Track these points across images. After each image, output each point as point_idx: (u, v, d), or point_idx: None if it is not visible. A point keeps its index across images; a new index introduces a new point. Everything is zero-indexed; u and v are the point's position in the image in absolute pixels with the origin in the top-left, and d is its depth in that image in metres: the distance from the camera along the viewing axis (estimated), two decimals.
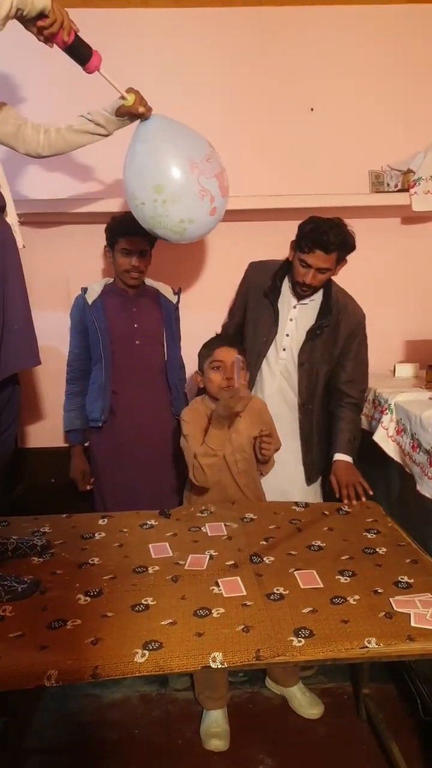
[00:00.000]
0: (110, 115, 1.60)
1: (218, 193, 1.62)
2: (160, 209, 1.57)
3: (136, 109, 1.57)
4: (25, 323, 1.45)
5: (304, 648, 1.15)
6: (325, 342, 2.00)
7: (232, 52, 2.38)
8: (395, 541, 1.59)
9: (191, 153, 1.57)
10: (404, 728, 1.79)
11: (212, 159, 1.61)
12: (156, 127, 1.60)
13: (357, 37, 2.41)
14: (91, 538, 1.64)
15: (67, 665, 1.10)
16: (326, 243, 1.81)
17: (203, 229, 1.67)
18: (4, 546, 1.51)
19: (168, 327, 2.16)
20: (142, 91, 2.34)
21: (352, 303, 2.05)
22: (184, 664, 1.12)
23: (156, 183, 1.55)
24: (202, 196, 1.57)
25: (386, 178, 2.40)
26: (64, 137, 1.60)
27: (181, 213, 1.58)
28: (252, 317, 2.09)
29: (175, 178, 1.55)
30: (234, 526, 1.69)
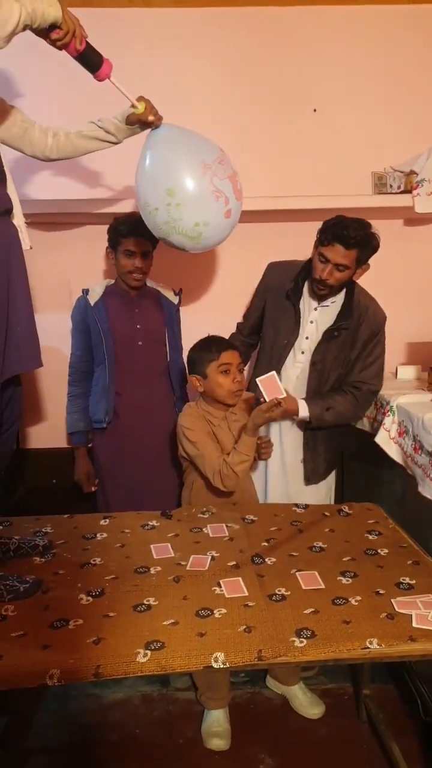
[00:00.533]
0: (120, 123, 1.59)
1: (233, 195, 1.58)
2: (174, 213, 1.53)
3: (146, 117, 1.55)
4: (29, 325, 1.46)
5: (305, 648, 1.15)
6: (341, 345, 1.95)
7: (233, 52, 2.39)
8: (397, 543, 1.59)
9: (203, 155, 1.55)
10: (405, 729, 1.79)
11: (224, 162, 1.59)
12: (166, 134, 1.59)
13: (360, 38, 2.41)
14: (93, 538, 1.64)
15: (69, 664, 1.11)
16: (346, 237, 1.76)
17: (219, 233, 1.62)
18: (6, 546, 1.52)
19: (170, 328, 2.16)
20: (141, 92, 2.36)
21: (374, 305, 1.98)
22: (186, 664, 1.12)
23: (167, 187, 1.52)
24: (217, 197, 1.53)
25: (389, 179, 2.40)
26: (72, 142, 1.59)
27: (195, 216, 1.54)
28: (271, 319, 2.04)
29: (187, 180, 1.52)
30: (235, 527, 1.70)
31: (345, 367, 1.98)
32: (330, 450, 2.06)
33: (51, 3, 1.25)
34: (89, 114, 1.65)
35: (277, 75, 2.42)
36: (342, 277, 1.85)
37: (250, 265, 2.31)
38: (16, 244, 1.41)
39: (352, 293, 1.96)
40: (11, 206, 1.43)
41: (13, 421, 1.54)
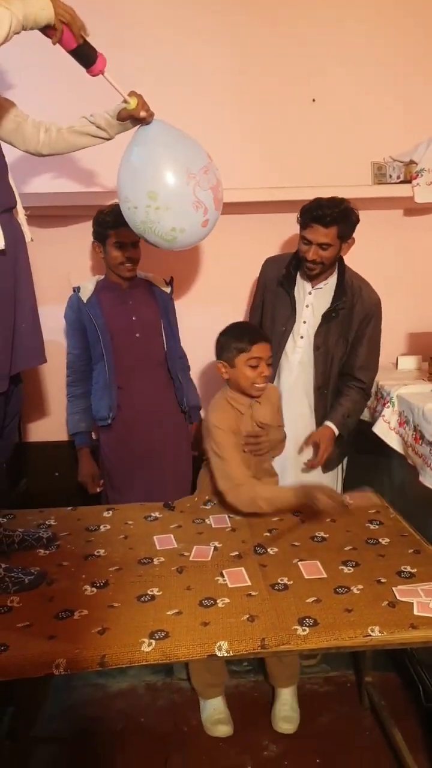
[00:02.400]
0: (112, 119, 1.58)
1: (212, 205, 1.60)
2: (153, 215, 1.55)
3: (138, 112, 1.53)
4: (33, 322, 1.46)
5: (308, 636, 1.16)
6: (340, 325, 1.99)
7: (232, 42, 2.37)
8: (398, 532, 1.60)
9: (189, 163, 1.55)
10: (406, 715, 1.81)
11: (209, 171, 1.59)
12: (156, 132, 1.58)
13: (359, 26, 2.39)
14: (96, 530, 1.66)
15: (75, 654, 1.12)
16: (323, 216, 1.82)
17: (193, 239, 1.65)
18: (10, 538, 1.53)
19: (165, 317, 2.15)
20: (140, 83, 2.34)
21: (366, 287, 2.03)
22: (190, 653, 1.14)
23: (150, 189, 1.53)
24: (196, 207, 1.55)
25: (389, 169, 2.39)
26: (65, 138, 1.58)
27: (173, 221, 1.56)
28: (269, 310, 2.09)
29: (170, 187, 1.53)
30: (237, 518, 1.71)
31: (345, 347, 2.01)
32: (342, 438, 2.09)
33: (43, 6, 1.25)
34: (83, 106, 1.64)
35: (275, 65, 2.40)
36: (328, 255, 1.89)
37: (248, 256, 2.31)
38: (21, 240, 1.41)
39: (343, 274, 2.01)
40: (15, 202, 1.43)
41: (14, 415, 1.55)
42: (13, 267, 1.37)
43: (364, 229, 2.50)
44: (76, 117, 1.63)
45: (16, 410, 1.55)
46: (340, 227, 1.85)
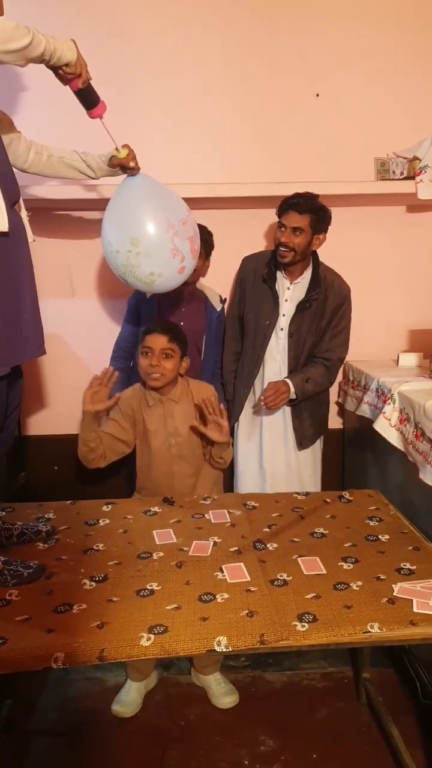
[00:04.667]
0: (102, 163, 1.68)
1: (189, 254, 1.73)
2: (134, 260, 1.67)
3: (127, 162, 1.66)
4: (34, 314, 1.46)
5: (307, 632, 1.16)
6: (313, 315, 2.14)
7: (236, 36, 2.35)
8: (398, 529, 1.60)
9: (170, 214, 1.67)
10: (404, 712, 1.82)
11: (188, 223, 1.72)
12: (141, 184, 1.70)
13: (363, 22, 2.37)
14: (96, 524, 1.66)
15: (73, 648, 1.12)
16: (298, 204, 2.01)
17: (171, 284, 1.77)
18: (9, 532, 1.53)
19: (209, 330, 2.28)
20: (142, 79, 2.34)
21: (338, 279, 2.18)
22: (189, 647, 1.13)
23: (133, 236, 1.65)
24: (174, 254, 1.68)
25: (392, 165, 2.38)
26: (53, 165, 1.66)
27: (152, 267, 1.68)
28: (252, 305, 2.21)
29: (151, 235, 1.65)
30: (237, 513, 1.71)
31: (317, 335, 2.16)
32: (314, 417, 2.25)
33: (69, 47, 1.40)
34: (79, 129, 1.68)
35: (279, 60, 2.38)
36: (299, 241, 2.04)
37: (251, 251, 2.31)
38: (22, 234, 1.42)
39: (317, 269, 2.16)
40: (18, 197, 1.44)
41: (14, 408, 1.55)
42: (15, 260, 1.37)
43: (367, 225, 2.51)
44: (68, 140, 1.70)
45: (17, 403, 1.55)
46: (312, 217, 2.02)
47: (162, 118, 2.37)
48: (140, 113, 2.35)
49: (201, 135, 2.40)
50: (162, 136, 2.37)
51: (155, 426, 1.93)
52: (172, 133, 2.38)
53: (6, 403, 1.43)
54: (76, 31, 2.26)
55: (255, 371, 2.20)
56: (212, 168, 2.39)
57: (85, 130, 1.64)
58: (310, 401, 2.20)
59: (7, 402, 1.45)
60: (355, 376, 2.41)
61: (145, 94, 2.36)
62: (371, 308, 2.25)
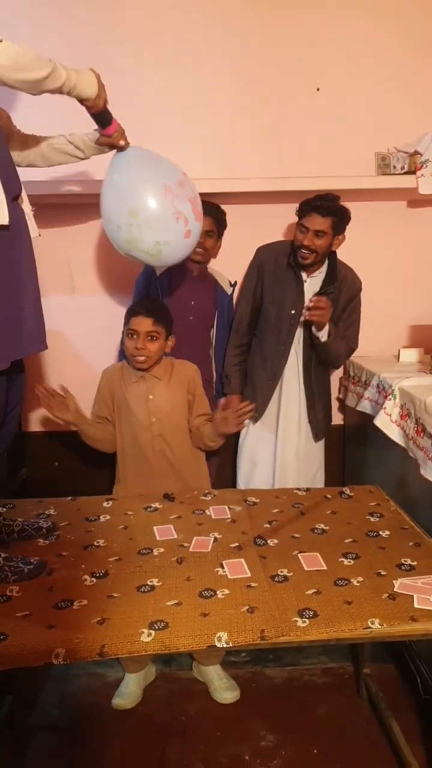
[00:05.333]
0: (90, 141, 1.64)
1: (192, 216, 1.65)
2: (136, 232, 1.61)
3: (117, 141, 1.61)
4: (36, 308, 1.45)
5: (308, 628, 1.16)
6: None
7: (236, 31, 2.34)
8: (398, 525, 1.60)
9: (164, 178, 1.62)
10: (404, 707, 1.82)
11: (185, 184, 1.65)
12: (131, 156, 1.65)
13: (364, 16, 2.36)
14: (96, 520, 1.65)
15: (74, 644, 1.12)
16: (321, 206, 2.01)
17: (180, 251, 1.71)
18: (9, 528, 1.52)
19: (220, 313, 2.30)
20: (141, 73, 2.32)
21: (351, 273, 2.21)
22: (189, 643, 1.13)
23: (130, 207, 1.59)
24: (177, 217, 1.61)
25: (393, 160, 2.37)
26: (42, 152, 1.63)
27: (156, 235, 1.62)
28: (274, 293, 2.20)
29: (149, 202, 1.59)
30: (237, 509, 1.70)
31: (330, 324, 2.14)
32: (326, 408, 2.33)
33: (90, 83, 1.40)
34: (70, 115, 1.63)
35: (279, 54, 2.37)
36: (321, 243, 2.06)
37: (252, 246, 2.30)
38: (23, 227, 1.41)
39: (334, 263, 2.17)
40: (20, 191, 1.43)
41: (17, 403, 1.54)
42: (15, 253, 1.36)
43: (368, 220, 2.50)
44: (62, 126, 1.65)
45: (18, 398, 1.54)
46: (335, 219, 2.03)
47: (162, 113, 2.36)
48: (140, 108, 2.33)
49: (201, 130, 2.39)
50: (162, 131, 2.35)
51: (136, 402, 1.92)
52: (172, 129, 2.37)
53: (6, 399, 1.43)
54: (78, 25, 2.27)
55: (282, 362, 2.19)
56: (212, 163, 2.38)
57: (78, 114, 1.58)
58: (323, 388, 2.27)
59: (7, 398, 1.44)
60: (356, 371, 2.40)
61: (145, 90, 2.34)
62: (372, 303, 2.24)
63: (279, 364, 2.20)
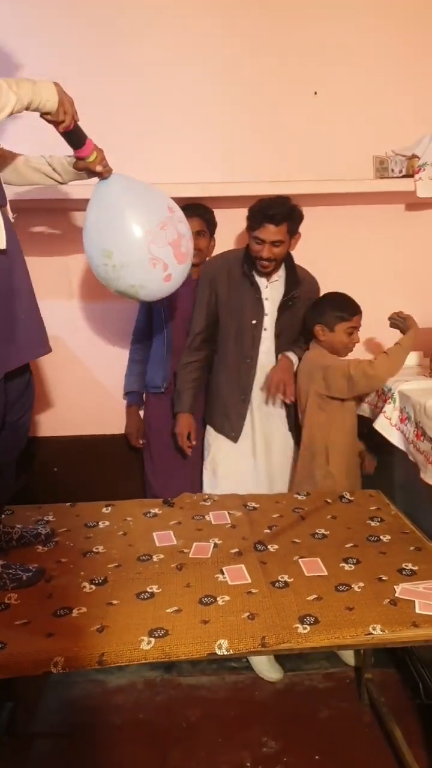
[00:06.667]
0: (68, 166, 1.58)
1: (173, 261, 1.57)
2: (111, 273, 1.56)
3: (94, 166, 1.52)
4: (33, 313, 1.44)
5: (309, 635, 1.15)
6: (294, 311, 2.13)
7: (234, 33, 2.34)
8: (399, 529, 1.59)
9: (144, 220, 1.53)
10: (406, 712, 1.81)
11: (168, 226, 1.56)
12: (111, 190, 1.56)
13: (362, 19, 2.36)
14: (95, 526, 1.65)
15: (73, 652, 1.11)
16: (273, 215, 1.92)
17: (158, 293, 1.65)
18: (8, 535, 1.52)
19: None
20: (140, 75, 2.32)
21: (308, 275, 2.19)
22: (190, 651, 1.13)
23: (105, 248, 1.53)
24: (154, 264, 1.54)
25: (391, 163, 2.36)
26: (18, 169, 1.57)
27: (131, 279, 1.56)
28: (231, 306, 2.11)
29: (123, 246, 1.52)
30: (237, 514, 1.70)
31: (296, 329, 2.18)
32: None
33: (49, 97, 1.32)
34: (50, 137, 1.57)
35: (277, 57, 2.37)
36: (280, 251, 2.00)
37: None
38: (13, 234, 1.40)
39: (292, 265, 2.13)
40: (5, 201, 1.42)
41: (26, 410, 1.52)
42: (7, 259, 1.36)
43: (366, 224, 2.50)
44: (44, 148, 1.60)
45: (28, 405, 1.52)
46: (289, 224, 1.96)
47: (158, 115, 2.36)
48: (136, 111, 2.33)
49: (198, 133, 2.38)
50: (158, 134, 2.35)
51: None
52: (169, 131, 2.37)
53: (3, 404, 1.42)
54: (73, 26, 2.27)
55: (251, 375, 2.10)
56: (209, 167, 2.37)
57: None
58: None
59: (15, 404, 1.44)
60: None
61: (141, 92, 2.34)
62: (370, 307, 2.23)
63: (248, 378, 2.10)
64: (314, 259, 2.41)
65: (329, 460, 2.04)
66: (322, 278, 2.24)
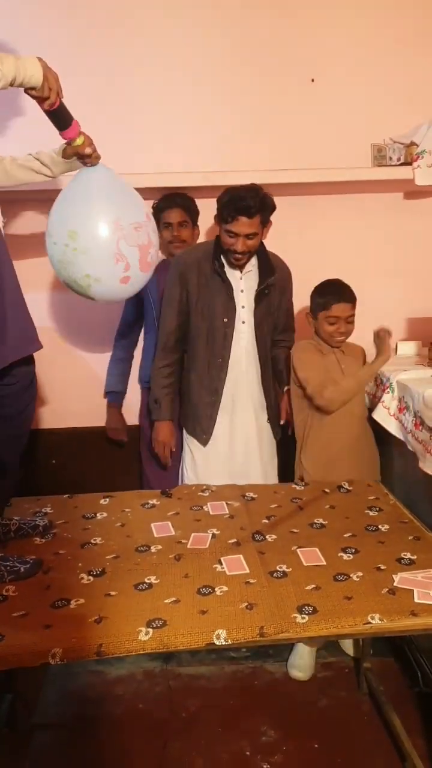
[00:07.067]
0: (57, 156, 1.56)
1: (137, 264, 1.54)
2: (70, 255, 1.50)
3: (83, 149, 1.50)
4: (21, 310, 1.40)
5: (307, 624, 1.15)
6: (270, 299, 2.07)
7: (230, 20, 2.31)
8: (397, 519, 1.59)
9: (121, 214, 1.50)
10: (405, 700, 1.82)
11: (142, 229, 1.53)
12: (96, 175, 1.54)
13: (358, 6, 2.33)
14: (93, 518, 1.64)
15: (71, 643, 1.11)
16: (247, 207, 1.83)
17: (110, 294, 1.60)
18: (6, 527, 1.51)
19: None
20: (138, 65, 2.29)
21: (280, 261, 2.12)
22: (188, 641, 1.12)
23: (71, 228, 1.48)
24: (117, 259, 1.50)
25: (389, 151, 2.34)
26: (6, 169, 1.57)
27: (88, 268, 1.50)
28: (202, 305, 2.01)
29: (91, 231, 1.48)
30: (236, 504, 1.70)
31: (273, 316, 2.11)
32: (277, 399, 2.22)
33: (33, 72, 1.30)
34: (39, 138, 1.58)
35: (273, 44, 2.34)
36: (254, 243, 1.94)
37: None
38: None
39: (264, 252, 2.06)
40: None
41: (27, 404, 1.49)
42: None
43: (364, 212, 2.48)
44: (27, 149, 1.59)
45: (29, 399, 1.48)
46: (261, 215, 1.89)
47: (154, 105, 2.33)
48: (132, 100, 2.31)
49: (194, 122, 2.36)
50: (154, 123, 2.33)
51: (332, 374, 2.01)
52: (165, 121, 2.34)
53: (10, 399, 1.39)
54: (69, 17, 2.24)
55: (222, 376, 2.01)
56: (205, 156, 2.35)
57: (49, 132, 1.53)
58: (274, 386, 2.14)
59: (19, 399, 1.42)
60: None
61: (137, 82, 2.32)
62: (368, 296, 2.22)
63: (218, 378, 2.01)
64: (312, 248, 2.40)
65: (303, 450, 2.04)
66: (320, 267, 2.22)
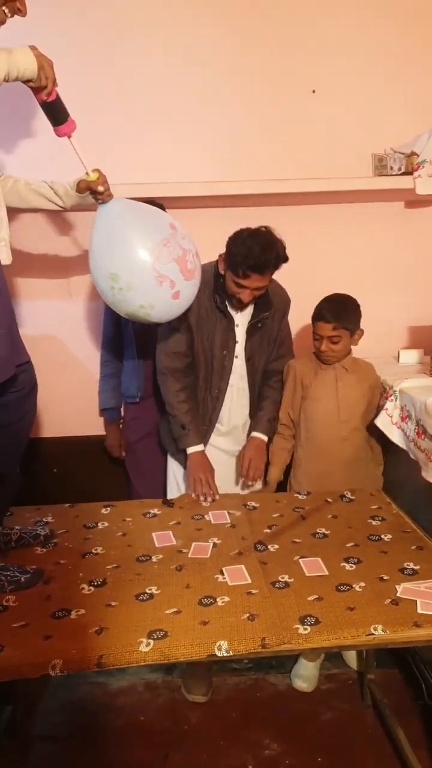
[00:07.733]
0: (71, 189, 1.57)
1: (179, 277, 1.56)
2: (119, 296, 1.55)
3: (96, 186, 1.53)
4: (10, 327, 1.38)
5: (310, 636, 1.14)
6: (265, 332, 2.00)
7: (232, 31, 2.33)
8: (400, 528, 1.58)
9: (145, 239, 1.53)
10: (409, 713, 1.80)
11: (171, 243, 1.55)
12: (112, 212, 1.57)
13: (360, 16, 2.35)
14: (94, 527, 1.64)
15: (72, 654, 1.10)
16: (261, 265, 1.75)
17: (170, 312, 1.64)
18: (7, 536, 1.51)
19: None
20: (138, 73, 2.31)
21: (278, 287, 2.02)
22: (189, 652, 1.12)
23: (110, 271, 1.53)
24: (160, 282, 1.53)
25: (389, 161, 2.35)
26: (19, 191, 1.57)
27: (139, 299, 1.55)
28: (202, 332, 1.97)
29: (127, 267, 1.52)
30: (237, 514, 1.69)
31: (269, 348, 2.05)
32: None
33: (27, 64, 1.29)
34: (44, 159, 1.62)
35: (275, 55, 2.36)
36: (260, 293, 1.86)
37: None
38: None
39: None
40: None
41: (25, 413, 1.48)
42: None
43: (365, 222, 2.49)
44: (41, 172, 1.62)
45: (28, 407, 1.46)
46: (273, 270, 1.82)
47: (156, 115, 2.35)
48: (135, 110, 2.32)
49: (196, 132, 2.37)
50: (156, 133, 2.34)
51: (320, 395, 2.00)
52: (167, 131, 2.36)
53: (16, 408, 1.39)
54: (74, 24, 2.26)
55: (217, 406, 2.00)
56: (208, 166, 2.36)
57: (60, 156, 1.55)
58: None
59: (18, 407, 1.41)
60: None
61: (140, 91, 2.33)
62: (371, 305, 2.22)
63: (214, 409, 2.00)
64: (313, 257, 2.40)
65: (294, 470, 2.05)
66: (321, 276, 2.23)
